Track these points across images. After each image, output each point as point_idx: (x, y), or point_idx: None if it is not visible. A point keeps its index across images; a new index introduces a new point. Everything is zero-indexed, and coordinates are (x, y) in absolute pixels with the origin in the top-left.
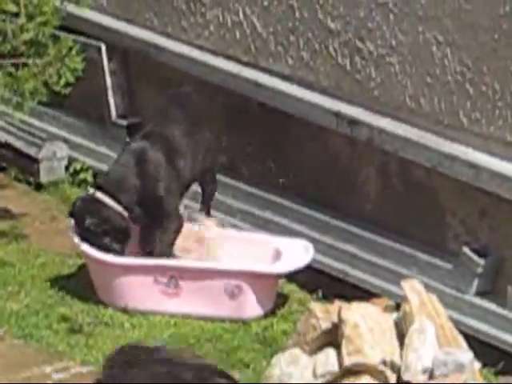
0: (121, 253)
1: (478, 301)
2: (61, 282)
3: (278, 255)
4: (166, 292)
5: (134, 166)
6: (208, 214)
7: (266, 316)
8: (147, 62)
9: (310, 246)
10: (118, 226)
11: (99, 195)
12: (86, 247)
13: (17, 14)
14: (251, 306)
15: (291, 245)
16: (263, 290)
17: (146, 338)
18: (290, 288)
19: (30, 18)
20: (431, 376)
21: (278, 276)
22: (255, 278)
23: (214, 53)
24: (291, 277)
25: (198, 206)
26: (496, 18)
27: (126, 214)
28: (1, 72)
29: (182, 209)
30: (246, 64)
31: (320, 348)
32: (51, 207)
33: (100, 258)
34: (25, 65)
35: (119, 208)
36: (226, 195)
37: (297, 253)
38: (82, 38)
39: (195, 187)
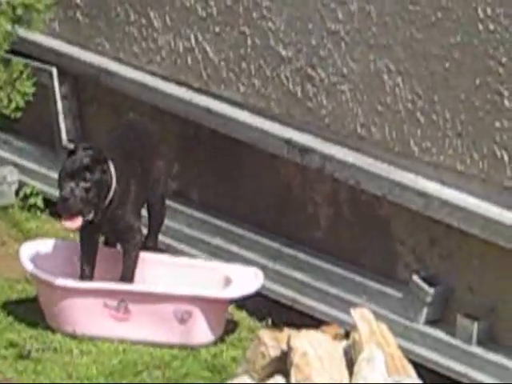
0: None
1: (427, 329)
2: (9, 308)
3: (227, 282)
4: (116, 316)
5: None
6: (156, 240)
7: (215, 343)
8: (99, 86)
9: (260, 273)
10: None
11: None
12: (34, 270)
13: None
14: (201, 332)
15: (241, 272)
16: (213, 315)
17: (94, 364)
18: (240, 315)
19: None
20: None
21: (228, 301)
22: (205, 303)
23: (166, 79)
24: (241, 304)
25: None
26: (447, 47)
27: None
28: None
29: None
30: (198, 90)
31: (269, 376)
32: (0, 232)
33: (48, 280)
34: None
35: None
36: (177, 221)
37: (247, 279)
38: (33, 63)
39: (144, 213)
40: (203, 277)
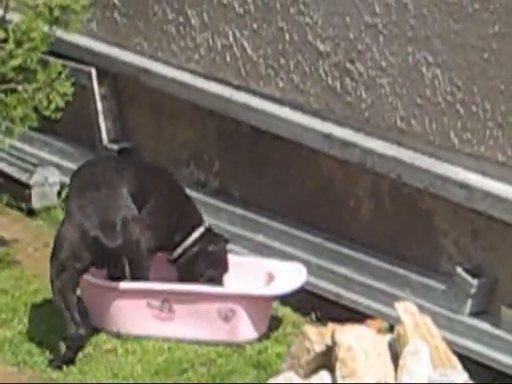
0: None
1: (471, 321)
2: (54, 309)
3: (271, 278)
4: (160, 316)
5: None
6: None
7: (260, 339)
8: (138, 86)
9: (303, 268)
10: None
11: None
12: None
13: (5, 41)
14: (245, 329)
15: (284, 268)
16: (257, 312)
17: (140, 363)
18: (284, 311)
19: (19, 44)
20: None
21: (272, 298)
22: (249, 301)
23: (205, 76)
24: (285, 299)
25: None
26: (486, 37)
27: None
28: None
29: None
30: (237, 87)
31: (314, 371)
32: (44, 233)
33: (93, 281)
34: (14, 91)
35: None
36: (219, 219)
37: (290, 275)
38: (71, 63)
39: None
40: (246, 273)
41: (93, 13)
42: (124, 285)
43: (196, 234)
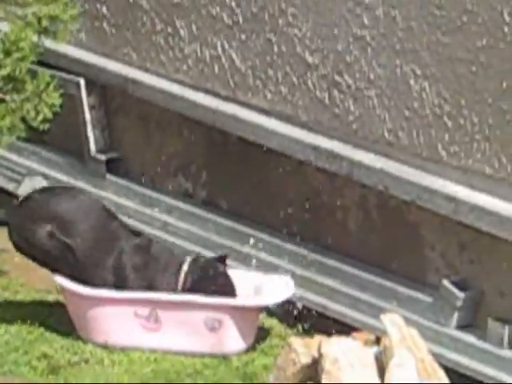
0: None
1: (458, 334)
2: (40, 319)
3: (258, 291)
4: (147, 326)
5: None
6: None
7: (246, 351)
8: (126, 96)
9: (291, 281)
10: None
11: None
12: (62, 281)
13: None
14: (232, 340)
15: (271, 280)
16: (244, 323)
17: (126, 374)
18: (271, 322)
19: (7, 53)
20: None
21: (259, 309)
22: (236, 312)
23: (193, 87)
24: (271, 311)
25: None
26: (474, 50)
27: None
28: None
29: None
30: (225, 98)
31: (300, 383)
32: None
33: (78, 290)
34: (2, 101)
35: None
36: (206, 230)
37: (277, 288)
38: (60, 74)
39: None
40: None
41: (82, 23)
42: (110, 293)
43: (185, 267)
